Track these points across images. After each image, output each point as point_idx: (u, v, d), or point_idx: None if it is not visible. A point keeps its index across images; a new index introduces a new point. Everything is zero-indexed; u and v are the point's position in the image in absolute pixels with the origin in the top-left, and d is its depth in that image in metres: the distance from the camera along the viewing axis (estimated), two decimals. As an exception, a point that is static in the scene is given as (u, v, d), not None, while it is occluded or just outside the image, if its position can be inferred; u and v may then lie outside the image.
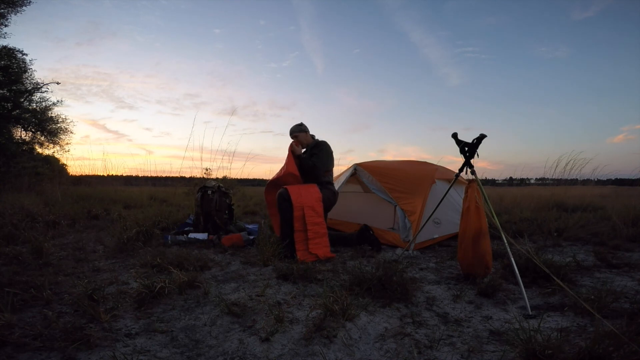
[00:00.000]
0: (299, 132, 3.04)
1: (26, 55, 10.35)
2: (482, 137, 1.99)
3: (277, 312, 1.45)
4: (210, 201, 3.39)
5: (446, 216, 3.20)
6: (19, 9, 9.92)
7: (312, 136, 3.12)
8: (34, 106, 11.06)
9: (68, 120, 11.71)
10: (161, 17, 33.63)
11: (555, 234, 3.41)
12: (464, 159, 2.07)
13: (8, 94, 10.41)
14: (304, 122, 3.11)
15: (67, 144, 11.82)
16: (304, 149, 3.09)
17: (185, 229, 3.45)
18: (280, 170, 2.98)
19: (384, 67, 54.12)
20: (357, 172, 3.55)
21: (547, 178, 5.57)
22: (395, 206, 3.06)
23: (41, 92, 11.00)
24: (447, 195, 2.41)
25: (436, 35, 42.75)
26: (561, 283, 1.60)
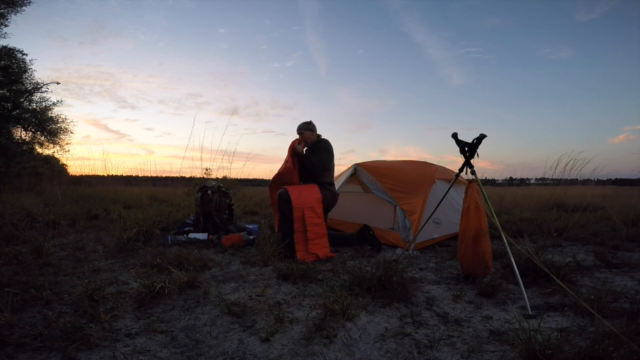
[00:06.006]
0: (304, 129, 3.04)
1: (26, 55, 10.39)
2: (482, 137, 1.99)
3: (277, 312, 1.45)
4: (210, 201, 3.39)
5: (446, 216, 3.20)
6: (19, 9, 9.94)
7: (318, 135, 3.13)
8: (34, 106, 11.09)
9: (68, 120, 11.77)
10: (166, 16, 33.64)
11: (555, 234, 3.41)
12: (464, 159, 2.07)
13: (8, 94, 10.42)
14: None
15: (67, 144, 11.88)
16: (306, 148, 3.09)
17: (185, 229, 3.45)
18: (281, 166, 2.99)
19: (387, 67, 54.24)
20: (357, 172, 3.55)
21: (547, 178, 5.56)
22: (395, 206, 3.06)
23: (41, 92, 11.03)
24: (447, 195, 2.40)
25: (440, 36, 42.79)
26: (561, 283, 1.60)
